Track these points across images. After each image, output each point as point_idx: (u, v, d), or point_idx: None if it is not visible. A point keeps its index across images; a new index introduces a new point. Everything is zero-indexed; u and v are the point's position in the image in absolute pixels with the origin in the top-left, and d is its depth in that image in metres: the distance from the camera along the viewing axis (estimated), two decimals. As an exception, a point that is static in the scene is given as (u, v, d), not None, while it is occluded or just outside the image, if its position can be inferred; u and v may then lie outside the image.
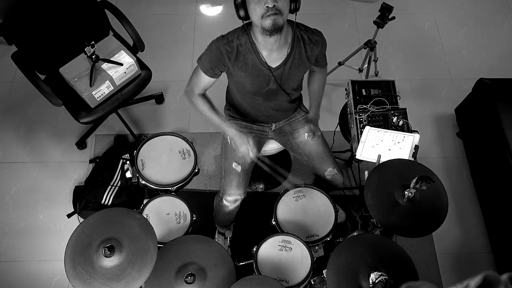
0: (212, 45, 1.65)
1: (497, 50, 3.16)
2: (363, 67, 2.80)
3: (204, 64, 1.69)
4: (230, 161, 1.93)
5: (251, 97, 1.80)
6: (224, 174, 1.97)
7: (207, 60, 1.67)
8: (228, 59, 1.63)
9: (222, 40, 1.63)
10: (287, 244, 1.80)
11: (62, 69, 2.19)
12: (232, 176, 1.93)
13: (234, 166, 1.92)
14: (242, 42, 1.62)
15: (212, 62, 1.66)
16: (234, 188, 1.93)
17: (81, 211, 2.38)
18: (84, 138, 2.66)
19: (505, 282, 0.76)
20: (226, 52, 1.62)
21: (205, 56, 1.68)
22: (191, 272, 1.51)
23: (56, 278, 2.31)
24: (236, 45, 1.62)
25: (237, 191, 1.94)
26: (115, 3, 2.55)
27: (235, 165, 1.91)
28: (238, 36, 1.62)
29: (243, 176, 1.94)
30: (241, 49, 1.63)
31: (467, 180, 2.67)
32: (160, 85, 2.86)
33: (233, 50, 1.62)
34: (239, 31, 1.63)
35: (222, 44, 1.62)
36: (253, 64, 1.65)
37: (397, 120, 2.03)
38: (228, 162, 1.94)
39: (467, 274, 1.90)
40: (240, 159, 1.92)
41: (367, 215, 2.30)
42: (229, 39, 1.63)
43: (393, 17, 2.37)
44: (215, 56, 1.64)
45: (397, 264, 1.48)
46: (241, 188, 1.94)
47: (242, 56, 1.64)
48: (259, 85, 1.73)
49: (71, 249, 1.43)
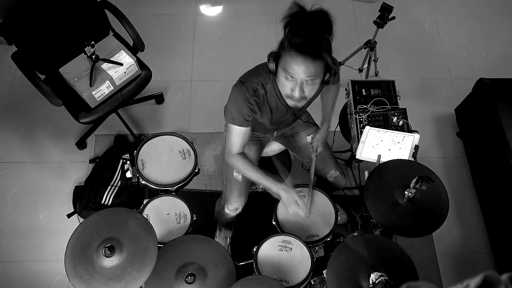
0: (239, 98, 1.58)
1: (497, 50, 3.16)
2: (363, 67, 2.81)
3: (237, 120, 1.61)
4: (231, 169, 1.92)
5: (264, 125, 1.81)
6: (226, 183, 1.96)
7: (238, 114, 1.60)
8: (258, 108, 1.62)
9: (248, 91, 1.58)
10: (287, 244, 1.80)
11: (62, 69, 2.19)
12: (233, 185, 1.92)
13: (235, 175, 1.91)
14: (267, 90, 1.61)
15: (243, 116, 1.60)
16: (235, 197, 1.93)
17: (81, 211, 2.38)
18: (84, 138, 2.66)
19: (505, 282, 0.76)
20: (255, 102, 1.60)
21: (234, 111, 1.60)
22: (191, 272, 1.51)
23: (56, 278, 2.31)
24: (262, 94, 1.60)
25: (238, 200, 1.94)
26: (115, 3, 2.55)
27: (236, 174, 1.91)
28: (263, 84, 1.59)
29: (244, 185, 1.94)
30: (266, 97, 1.62)
31: (467, 180, 2.67)
32: (160, 85, 2.86)
33: (260, 99, 1.61)
34: (263, 79, 1.59)
35: (250, 96, 1.58)
36: (275, 106, 1.65)
37: (397, 120, 2.03)
38: (230, 171, 1.93)
39: (467, 274, 1.90)
40: None
41: (367, 215, 2.30)
42: (254, 88, 1.59)
43: (393, 17, 2.37)
44: (245, 108, 1.59)
45: (397, 264, 1.48)
46: (242, 196, 1.94)
47: (267, 102, 1.64)
48: (276, 119, 1.75)
49: (71, 249, 1.43)
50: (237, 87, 1.60)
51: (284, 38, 1.41)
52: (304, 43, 1.35)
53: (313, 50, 1.37)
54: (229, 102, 1.63)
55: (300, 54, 1.37)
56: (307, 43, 1.36)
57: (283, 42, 1.42)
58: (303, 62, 1.38)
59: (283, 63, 1.43)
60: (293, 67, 1.40)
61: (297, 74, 1.41)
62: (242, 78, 1.62)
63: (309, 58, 1.37)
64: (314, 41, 1.37)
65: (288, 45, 1.38)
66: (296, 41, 1.36)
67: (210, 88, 2.92)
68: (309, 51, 1.36)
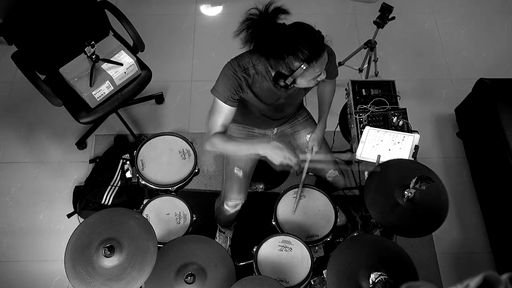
0: (228, 72, 1.59)
1: (497, 50, 3.16)
2: (363, 67, 2.81)
3: (222, 94, 1.59)
4: (232, 166, 1.93)
5: (258, 110, 1.80)
6: (226, 179, 1.96)
7: (225, 88, 1.59)
8: (246, 85, 1.62)
9: (239, 67, 1.59)
10: (287, 244, 1.80)
11: (62, 69, 2.19)
12: (234, 181, 1.93)
13: (236, 171, 1.91)
14: (259, 71, 1.61)
15: (230, 90, 1.59)
16: (235, 193, 1.93)
17: (81, 211, 2.38)
18: (84, 138, 2.66)
19: (505, 282, 0.76)
20: (243, 79, 1.60)
21: (221, 84, 1.60)
22: (191, 272, 1.51)
23: (56, 278, 2.31)
24: (252, 73, 1.60)
25: (237, 196, 1.94)
26: (115, 3, 2.55)
27: (236, 170, 1.91)
28: (254, 65, 1.60)
29: (244, 181, 1.94)
30: (257, 77, 1.62)
31: (467, 180, 2.67)
32: (160, 85, 2.86)
33: (249, 77, 1.61)
34: (254, 59, 1.59)
35: (239, 71, 1.59)
36: (268, 88, 1.65)
37: (397, 120, 2.03)
38: (230, 167, 1.93)
39: (467, 274, 1.90)
40: (241, 163, 1.92)
41: (367, 215, 2.30)
42: (244, 66, 1.59)
43: (393, 17, 2.37)
44: (233, 82, 1.59)
45: (397, 264, 1.48)
46: (241, 193, 1.94)
47: (258, 83, 1.63)
48: (269, 101, 1.73)
49: (71, 249, 1.43)
50: (229, 63, 1.62)
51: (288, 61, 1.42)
52: (312, 51, 1.41)
53: (321, 48, 1.43)
54: (218, 77, 1.63)
55: (317, 60, 1.43)
56: (314, 48, 1.41)
57: (289, 65, 1.43)
58: (322, 60, 1.46)
59: (306, 76, 1.47)
60: (316, 70, 1.47)
61: (320, 69, 1.48)
62: (236, 57, 1.64)
63: (323, 54, 1.45)
64: (316, 42, 1.42)
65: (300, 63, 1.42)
66: (305, 56, 1.41)
67: (210, 88, 2.90)
68: (320, 51, 1.43)
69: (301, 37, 1.41)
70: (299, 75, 1.45)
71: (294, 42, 1.41)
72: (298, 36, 1.41)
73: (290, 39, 1.41)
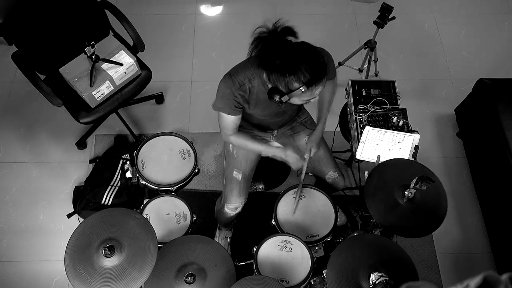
0: (225, 90, 1.63)
1: (497, 50, 3.16)
2: (363, 67, 2.80)
3: (224, 108, 1.67)
4: (231, 168, 1.93)
5: (258, 117, 1.81)
6: (225, 182, 1.96)
7: (225, 105, 1.65)
8: (244, 101, 1.65)
9: (234, 86, 1.61)
10: (287, 244, 1.80)
11: (62, 69, 2.19)
12: (233, 185, 1.93)
13: (235, 174, 1.92)
14: (255, 85, 1.62)
15: (230, 106, 1.65)
16: (235, 196, 1.93)
17: (81, 211, 2.38)
18: (84, 138, 2.66)
19: (505, 282, 0.76)
20: (241, 96, 1.63)
21: (221, 101, 1.66)
22: (191, 272, 1.51)
23: (56, 278, 2.31)
24: (249, 87, 1.62)
25: (238, 200, 1.94)
26: (115, 3, 2.55)
27: (235, 173, 1.91)
28: (250, 79, 1.61)
29: (244, 184, 1.94)
30: (254, 90, 1.64)
31: (467, 180, 2.67)
32: (160, 85, 2.86)
33: (246, 93, 1.63)
34: (250, 74, 1.61)
35: (235, 90, 1.61)
36: (265, 99, 1.65)
37: (397, 120, 2.03)
38: (229, 170, 1.94)
39: (467, 274, 1.90)
40: (241, 166, 1.92)
41: (367, 215, 2.30)
42: (240, 83, 1.61)
43: (393, 17, 2.37)
44: (231, 101, 1.63)
45: (397, 264, 1.48)
46: (242, 196, 1.95)
47: (255, 95, 1.65)
48: (268, 110, 1.75)
49: (71, 249, 1.43)
50: (225, 80, 1.64)
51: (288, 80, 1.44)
52: (314, 75, 1.42)
53: (322, 74, 1.46)
54: (217, 93, 1.67)
55: (317, 84, 1.45)
56: (316, 73, 1.43)
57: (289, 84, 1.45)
58: (321, 85, 1.48)
59: (303, 96, 1.49)
60: (314, 93, 1.49)
61: (317, 93, 1.51)
62: (231, 71, 1.65)
63: (323, 80, 1.47)
64: (319, 67, 1.44)
65: (300, 85, 1.43)
66: (306, 79, 1.42)
67: (210, 88, 2.91)
68: (321, 77, 1.45)
69: (305, 59, 1.42)
70: (296, 95, 1.47)
71: (298, 63, 1.41)
72: (302, 58, 1.42)
73: (294, 59, 1.42)
